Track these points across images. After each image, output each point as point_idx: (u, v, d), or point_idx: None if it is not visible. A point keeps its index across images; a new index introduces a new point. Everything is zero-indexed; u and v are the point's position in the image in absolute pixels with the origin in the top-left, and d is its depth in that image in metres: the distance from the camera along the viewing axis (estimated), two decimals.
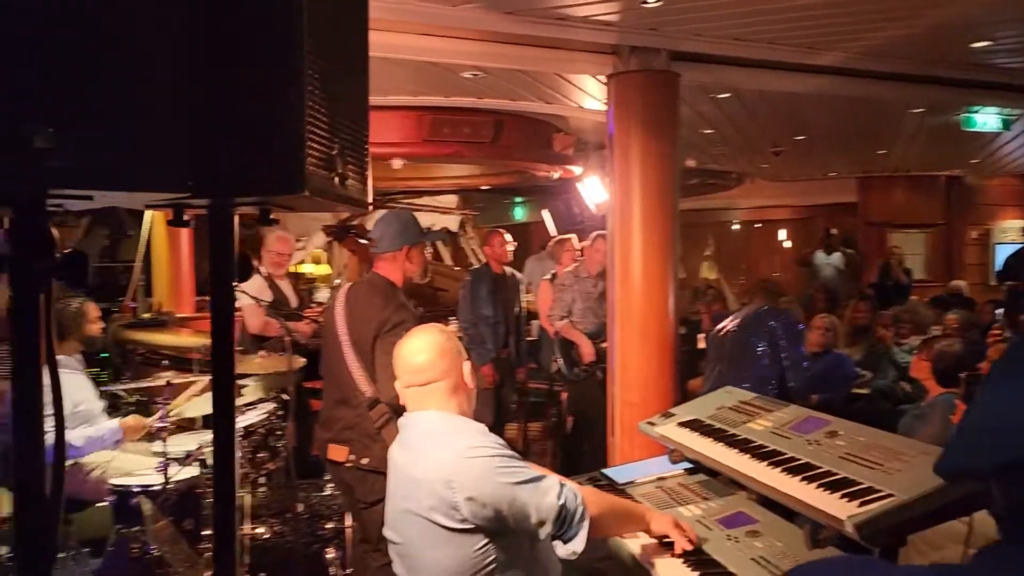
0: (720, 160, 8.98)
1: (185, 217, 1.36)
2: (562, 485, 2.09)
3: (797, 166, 10.03)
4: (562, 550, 2.10)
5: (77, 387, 4.11)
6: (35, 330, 1.12)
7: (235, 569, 1.38)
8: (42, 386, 1.14)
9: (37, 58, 0.97)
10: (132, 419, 4.13)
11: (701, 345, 6.59)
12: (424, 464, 2.13)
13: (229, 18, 1.11)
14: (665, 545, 2.36)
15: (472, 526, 2.06)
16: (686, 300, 9.64)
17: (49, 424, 3.17)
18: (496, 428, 5.70)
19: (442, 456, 2.11)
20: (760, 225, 14.52)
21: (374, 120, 4.70)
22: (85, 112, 0.99)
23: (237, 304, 5.00)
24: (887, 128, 7.28)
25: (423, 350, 2.26)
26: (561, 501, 2.05)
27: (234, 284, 3.93)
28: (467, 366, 2.28)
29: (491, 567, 2.10)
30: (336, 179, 1.27)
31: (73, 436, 3.90)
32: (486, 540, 2.08)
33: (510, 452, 2.15)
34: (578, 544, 2.08)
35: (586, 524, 2.08)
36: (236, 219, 1.34)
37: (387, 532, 2.30)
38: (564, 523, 2.06)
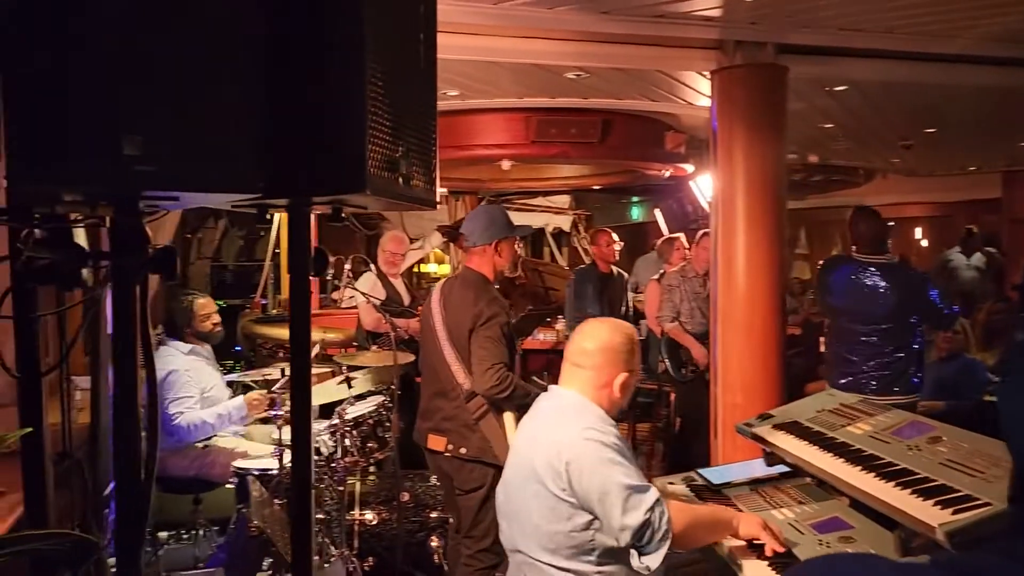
0: (845, 155, 8.60)
1: (268, 215, 1.48)
2: (656, 502, 2.11)
3: (932, 160, 9.47)
4: (635, 562, 2.14)
5: (206, 374, 4.43)
6: (132, 318, 1.26)
7: (311, 550, 1.49)
8: (137, 368, 1.27)
9: (129, 76, 1.09)
10: (254, 394, 4.41)
11: (823, 349, 6.34)
12: (547, 431, 2.26)
13: (296, 35, 1.22)
14: (754, 547, 2.34)
15: (575, 500, 2.15)
16: (809, 302, 9.32)
17: (184, 405, 3.49)
18: None
19: (564, 427, 2.23)
20: (893, 223, 13.77)
21: (482, 122, 4.84)
22: (169, 123, 1.11)
23: (353, 301, 5.26)
24: None
25: (593, 337, 2.38)
26: (647, 516, 2.08)
27: (350, 283, 4.14)
28: (623, 377, 2.34)
29: (591, 547, 2.17)
30: (399, 179, 1.36)
31: (205, 415, 4.22)
32: (590, 518, 2.16)
33: (627, 451, 2.21)
34: (653, 562, 2.11)
35: (666, 544, 2.11)
36: (312, 216, 1.46)
37: (498, 491, 2.44)
38: (643, 538, 2.10)
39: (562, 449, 2.17)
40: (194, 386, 4.27)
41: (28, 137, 1.05)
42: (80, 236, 1.46)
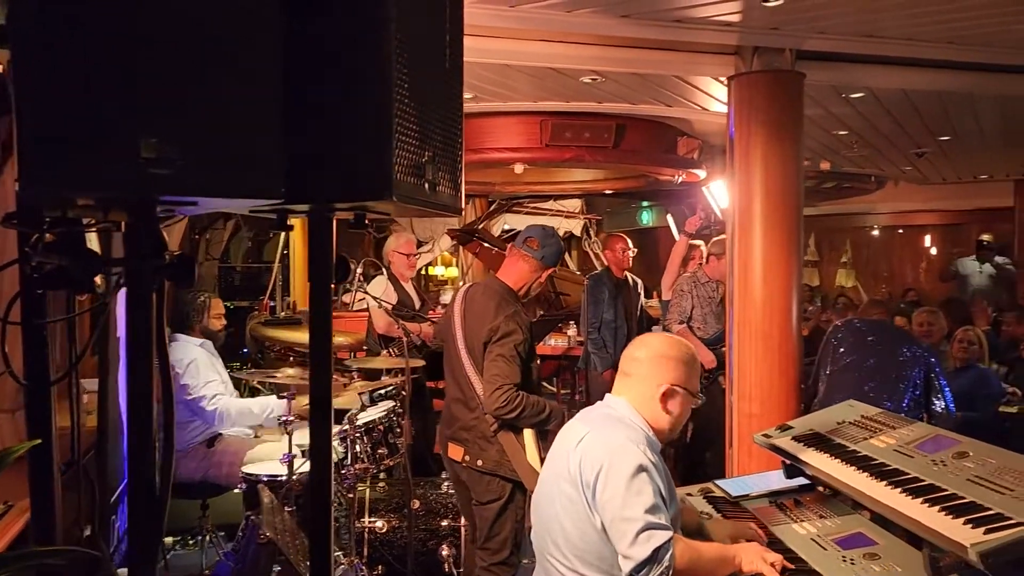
0: (857, 162, 8.55)
1: (289, 221, 1.43)
2: (667, 542, 2.07)
3: (943, 168, 9.41)
4: None
5: (217, 368, 4.42)
6: (148, 325, 1.21)
7: (330, 557, 1.44)
8: (152, 378, 1.22)
9: (146, 76, 1.05)
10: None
11: None
12: (591, 438, 2.22)
13: (319, 34, 1.17)
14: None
15: (595, 509, 2.13)
16: (818, 309, 9.25)
17: (215, 389, 3.51)
18: None
19: (607, 438, 2.19)
20: (903, 231, 13.72)
21: (496, 125, 4.79)
22: (187, 126, 1.07)
23: (365, 305, 5.23)
24: None
25: (645, 345, 2.36)
26: (651, 554, 2.04)
27: (362, 286, 4.11)
28: (666, 387, 2.28)
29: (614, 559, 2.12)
30: (425, 185, 1.31)
31: (251, 404, 4.35)
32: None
33: (660, 479, 2.16)
34: None
35: None
36: (335, 223, 1.41)
37: (534, 495, 2.41)
38: (642, 572, 2.06)
39: (598, 458, 2.14)
40: (215, 373, 4.30)
41: (41, 138, 1.01)
42: (91, 239, 1.42)
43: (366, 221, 1.37)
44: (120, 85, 1.02)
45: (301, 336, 5.30)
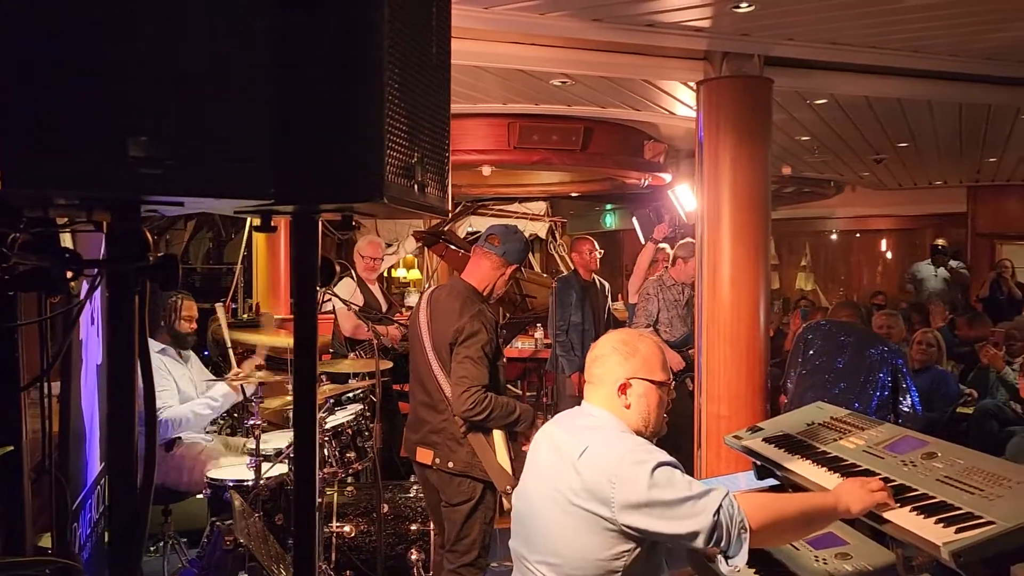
0: (818, 167, 8.70)
1: (272, 223, 1.40)
2: (722, 502, 1.98)
3: (900, 174, 9.63)
4: (723, 566, 2.03)
5: (177, 374, 4.32)
6: (130, 328, 1.17)
7: (314, 562, 1.41)
8: (135, 381, 1.19)
9: (133, 73, 1.02)
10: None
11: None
12: (589, 456, 2.08)
13: (311, 32, 1.14)
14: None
15: (618, 528, 2.02)
16: (779, 312, 9.41)
17: (162, 400, 3.37)
18: None
19: (608, 454, 2.06)
20: (860, 235, 14.00)
21: (464, 127, 4.77)
22: (175, 123, 1.03)
23: (327, 307, 5.17)
24: (998, 134, 6.91)
25: (596, 348, 2.28)
26: (715, 519, 1.96)
27: (328, 287, 4.02)
28: (640, 385, 2.20)
29: (619, 570, 2.06)
30: (415, 187, 1.29)
31: (195, 407, 4.17)
32: (631, 547, 2.04)
33: (674, 463, 2.07)
34: (739, 560, 1.99)
35: (746, 537, 1.98)
36: (320, 225, 1.38)
37: (516, 501, 2.30)
38: (720, 540, 1.97)
39: (612, 480, 2.00)
40: (169, 380, 4.18)
41: (23, 133, 0.97)
42: (66, 238, 1.38)
43: (353, 223, 1.34)
44: (107, 81, 0.99)
45: (263, 338, 5.22)
